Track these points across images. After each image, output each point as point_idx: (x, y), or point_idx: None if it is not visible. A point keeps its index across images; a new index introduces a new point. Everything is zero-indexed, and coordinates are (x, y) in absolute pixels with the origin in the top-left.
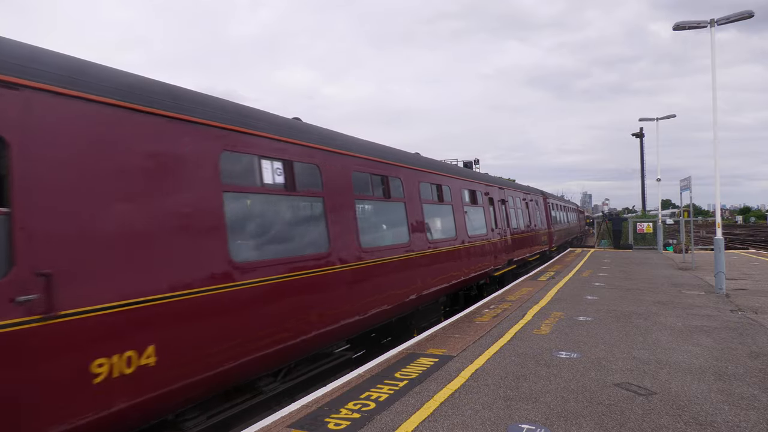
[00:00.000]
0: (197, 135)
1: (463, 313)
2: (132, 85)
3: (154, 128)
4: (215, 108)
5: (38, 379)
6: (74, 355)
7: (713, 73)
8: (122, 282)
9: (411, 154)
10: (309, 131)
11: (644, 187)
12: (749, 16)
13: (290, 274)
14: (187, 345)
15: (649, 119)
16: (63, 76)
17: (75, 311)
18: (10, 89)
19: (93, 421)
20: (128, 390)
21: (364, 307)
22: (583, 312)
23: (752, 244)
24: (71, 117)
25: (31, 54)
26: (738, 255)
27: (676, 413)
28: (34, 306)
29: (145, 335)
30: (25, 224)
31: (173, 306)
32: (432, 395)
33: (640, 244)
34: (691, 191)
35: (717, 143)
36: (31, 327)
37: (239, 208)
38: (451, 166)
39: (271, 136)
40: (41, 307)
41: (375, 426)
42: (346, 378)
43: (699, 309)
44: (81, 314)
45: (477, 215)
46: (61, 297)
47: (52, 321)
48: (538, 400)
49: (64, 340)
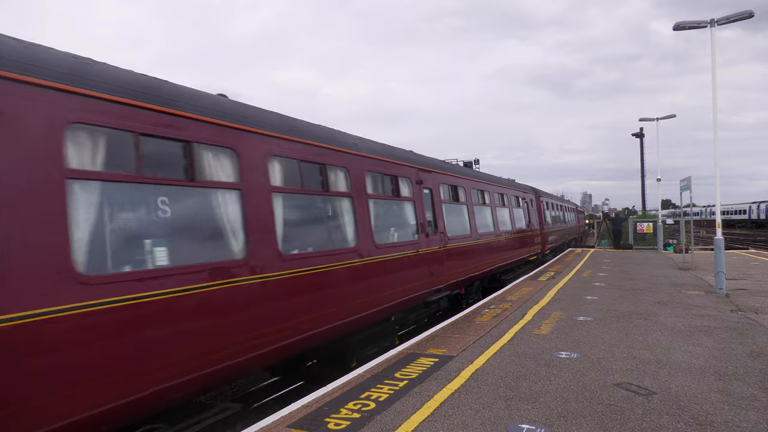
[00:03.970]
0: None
1: (463, 313)
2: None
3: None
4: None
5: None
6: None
7: (713, 73)
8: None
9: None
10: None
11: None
12: (749, 16)
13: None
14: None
15: (649, 119)
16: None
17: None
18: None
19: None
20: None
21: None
22: (583, 312)
23: (752, 244)
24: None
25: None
26: (738, 255)
27: (676, 413)
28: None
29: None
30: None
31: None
32: (432, 395)
33: (640, 244)
34: (691, 191)
35: (717, 143)
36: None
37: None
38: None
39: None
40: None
41: (375, 426)
42: (346, 378)
43: (699, 309)
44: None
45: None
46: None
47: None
48: (538, 400)
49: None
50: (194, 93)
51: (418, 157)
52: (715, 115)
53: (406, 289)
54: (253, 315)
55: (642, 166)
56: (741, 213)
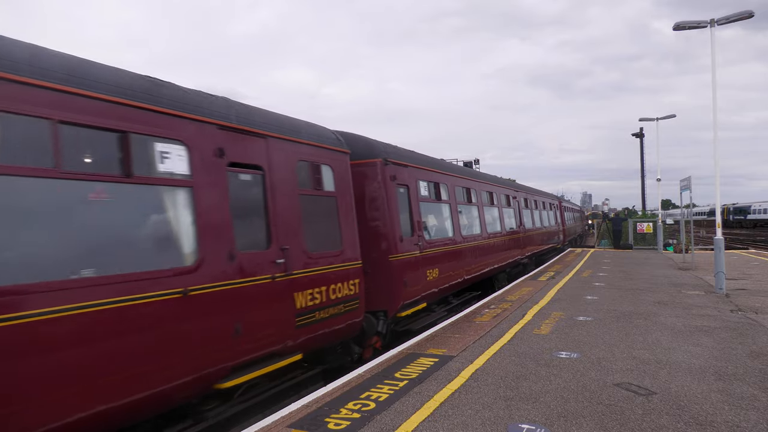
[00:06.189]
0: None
1: (463, 313)
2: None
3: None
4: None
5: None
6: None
7: (713, 72)
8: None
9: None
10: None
11: (644, 188)
12: (749, 16)
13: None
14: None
15: (649, 119)
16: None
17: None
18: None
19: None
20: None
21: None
22: (583, 312)
23: (752, 244)
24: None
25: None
26: (738, 255)
27: (676, 413)
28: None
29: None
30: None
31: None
32: (432, 395)
33: (640, 244)
34: (691, 191)
35: (717, 143)
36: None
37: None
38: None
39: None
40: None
41: (375, 426)
42: (346, 378)
43: (699, 309)
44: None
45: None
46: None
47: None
48: (538, 400)
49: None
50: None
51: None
52: (715, 115)
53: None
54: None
55: (642, 166)
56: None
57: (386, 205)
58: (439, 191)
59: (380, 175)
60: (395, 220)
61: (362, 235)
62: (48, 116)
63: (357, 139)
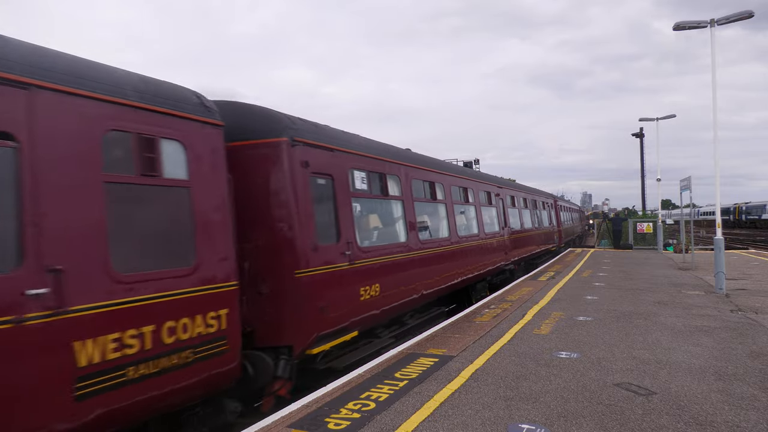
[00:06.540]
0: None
1: (463, 313)
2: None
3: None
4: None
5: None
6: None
7: (713, 72)
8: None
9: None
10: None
11: (644, 188)
12: (749, 16)
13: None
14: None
15: (649, 119)
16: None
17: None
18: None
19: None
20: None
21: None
22: (583, 312)
23: (752, 244)
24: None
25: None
26: (738, 255)
27: (676, 413)
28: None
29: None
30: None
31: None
32: (432, 395)
33: (640, 244)
34: (691, 191)
35: (717, 143)
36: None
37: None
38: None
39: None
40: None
41: (375, 426)
42: (346, 378)
43: (699, 309)
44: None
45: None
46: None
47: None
48: (538, 400)
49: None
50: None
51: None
52: (715, 114)
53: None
54: None
55: (642, 166)
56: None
57: (293, 202)
58: (385, 184)
59: (286, 161)
60: (306, 222)
61: (262, 243)
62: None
63: (252, 110)
